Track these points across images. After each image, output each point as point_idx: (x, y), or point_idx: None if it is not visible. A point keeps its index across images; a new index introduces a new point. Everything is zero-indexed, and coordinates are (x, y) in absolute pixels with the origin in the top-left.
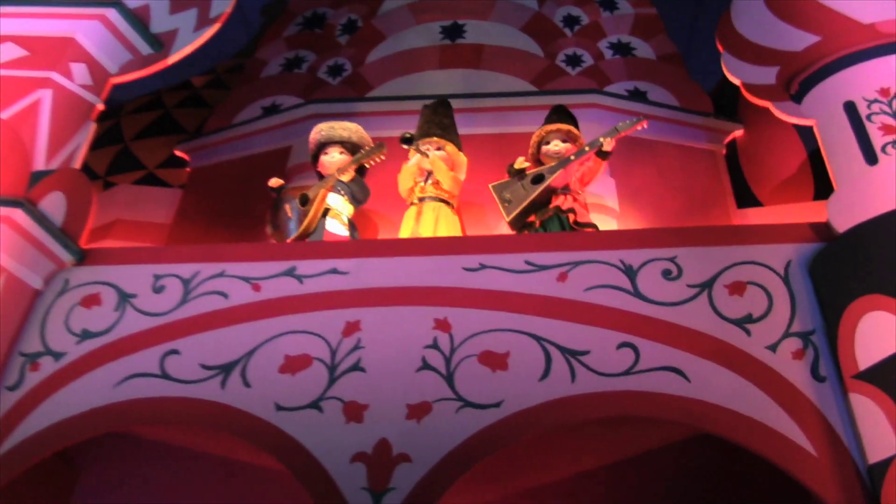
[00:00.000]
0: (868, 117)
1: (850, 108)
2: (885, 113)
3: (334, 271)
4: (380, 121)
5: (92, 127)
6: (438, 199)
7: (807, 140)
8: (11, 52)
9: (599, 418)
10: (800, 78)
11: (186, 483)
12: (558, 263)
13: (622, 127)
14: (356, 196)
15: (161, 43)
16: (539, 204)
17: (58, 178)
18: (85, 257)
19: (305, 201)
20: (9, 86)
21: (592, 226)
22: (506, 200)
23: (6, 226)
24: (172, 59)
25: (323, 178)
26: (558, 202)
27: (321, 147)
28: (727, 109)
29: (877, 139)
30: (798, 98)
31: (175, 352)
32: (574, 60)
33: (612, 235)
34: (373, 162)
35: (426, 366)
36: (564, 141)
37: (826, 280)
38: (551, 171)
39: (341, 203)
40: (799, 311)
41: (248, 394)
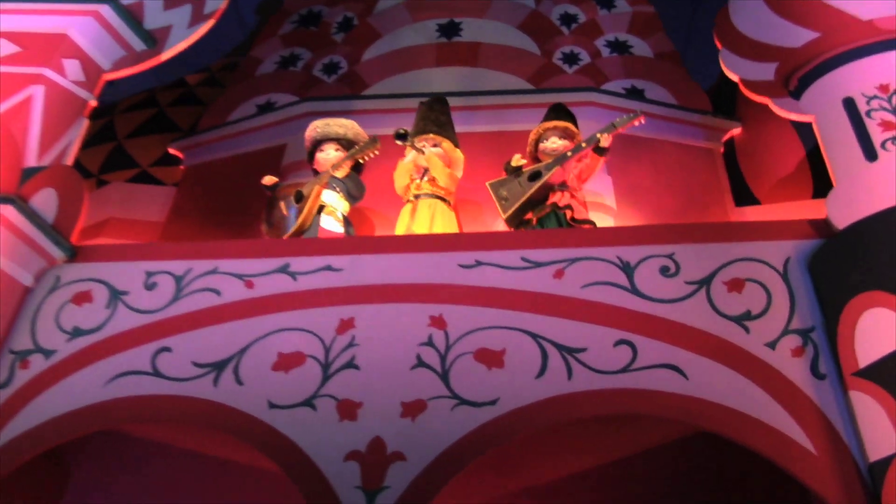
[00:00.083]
0: (867, 113)
1: (850, 105)
2: (885, 109)
3: (328, 268)
4: (376, 119)
5: (84, 123)
6: (434, 196)
7: (805, 138)
8: (4, 49)
9: (597, 416)
10: (798, 74)
11: (178, 482)
12: (555, 260)
13: (619, 122)
14: (351, 192)
15: (154, 39)
16: (536, 201)
17: (49, 175)
18: (76, 254)
19: (300, 198)
20: (1, 82)
21: (590, 222)
22: (502, 198)
23: None
24: (166, 56)
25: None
26: (555, 199)
27: (317, 144)
28: (725, 108)
29: (876, 135)
30: (797, 94)
31: (167, 349)
32: (571, 58)
33: (610, 232)
34: (367, 157)
35: (421, 363)
36: (562, 138)
37: (825, 277)
38: (548, 168)
39: (336, 199)
40: (798, 308)
41: (241, 392)
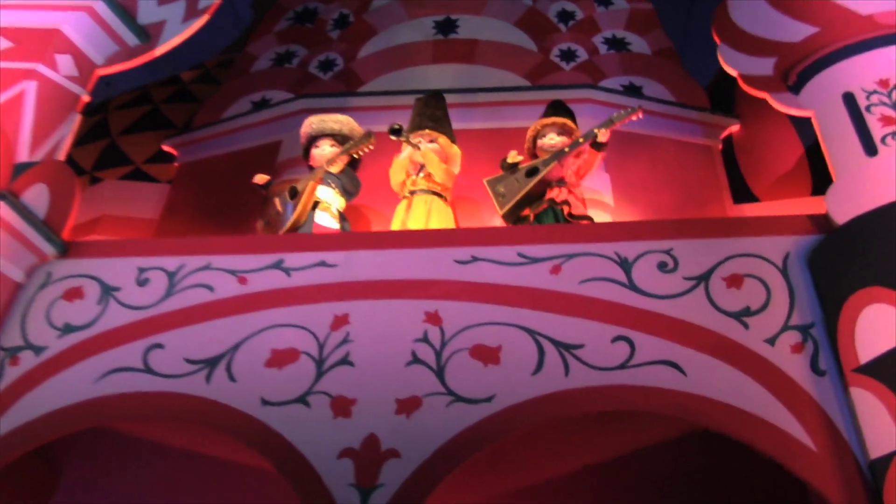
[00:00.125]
0: (867, 108)
1: (849, 100)
2: (885, 104)
3: (322, 264)
4: (372, 116)
5: (77, 118)
6: (431, 192)
7: (804, 135)
8: None
9: (594, 413)
10: (798, 69)
11: (171, 480)
12: (552, 256)
13: (617, 117)
14: (347, 188)
15: (148, 34)
16: (533, 197)
17: (41, 170)
18: (68, 250)
19: (295, 194)
20: None
21: (588, 218)
22: (499, 194)
23: None
24: (160, 51)
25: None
26: (553, 195)
27: (312, 140)
28: (723, 104)
29: (876, 130)
30: (796, 89)
31: (159, 346)
32: (568, 55)
33: (607, 227)
34: (362, 152)
35: (416, 360)
36: (560, 134)
37: (825, 272)
38: (545, 164)
39: (331, 195)
40: (798, 304)
41: (234, 388)
